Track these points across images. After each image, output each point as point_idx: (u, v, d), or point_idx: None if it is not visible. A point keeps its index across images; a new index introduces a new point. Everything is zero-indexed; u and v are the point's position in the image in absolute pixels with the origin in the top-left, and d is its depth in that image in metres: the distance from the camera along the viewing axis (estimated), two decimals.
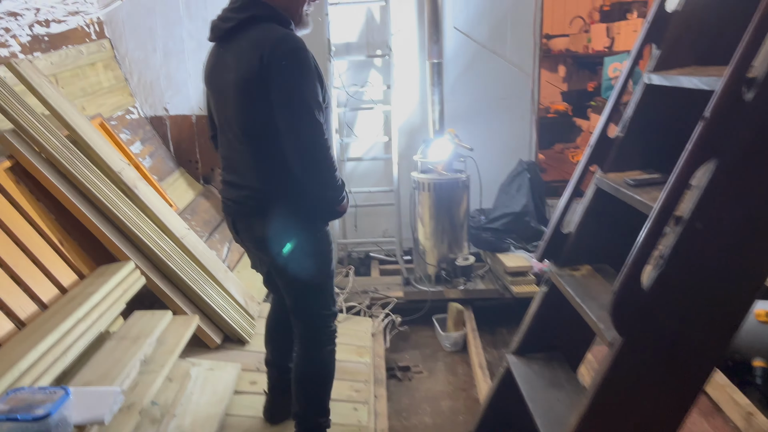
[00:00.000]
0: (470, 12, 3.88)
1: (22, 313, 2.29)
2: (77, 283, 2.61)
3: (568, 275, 1.76)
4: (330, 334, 2.13)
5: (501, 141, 4.07)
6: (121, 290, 2.59)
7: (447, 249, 3.69)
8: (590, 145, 1.78)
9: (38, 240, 2.54)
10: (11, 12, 3.03)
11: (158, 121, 4.16)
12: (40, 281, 2.44)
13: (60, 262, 2.59)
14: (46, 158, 2.70)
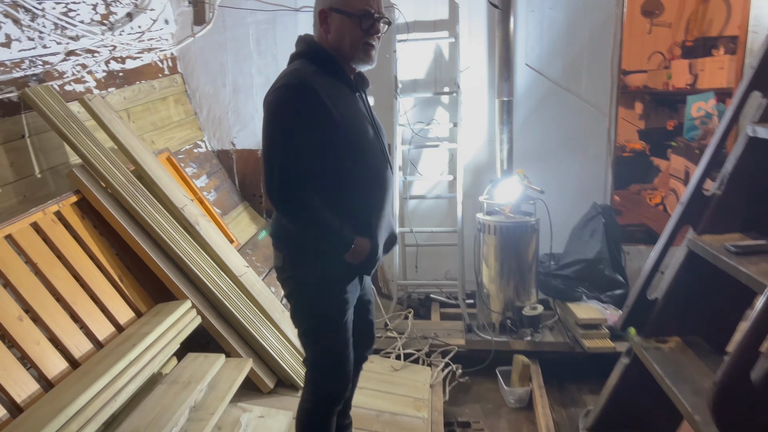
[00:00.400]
0: (544, 49, 3.72)
1: (77, 352, 2.27)
2: (134, 321, 2.58)
3: (654, 348, 1.56)
4: (311, 390, 2.01)
5: (573, 182, 3.86)
6: (176, 330, 2.54)
7: (513, 295, 3.49)
8: (682, 203, 1.59)
9: (98, 276, 2.54)
10: (89, 49, 3.12)
11: (225, 155, 4.20)
12: (97, 319, 2.43)
13: (118, 299, 2.57)
14: (110, 193, 2.71)
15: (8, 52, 2.59)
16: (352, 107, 1.81)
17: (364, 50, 1.81)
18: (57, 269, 2.37)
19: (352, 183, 1.80)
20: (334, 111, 1.70)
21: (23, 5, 2.64)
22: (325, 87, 1.72)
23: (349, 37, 1.79)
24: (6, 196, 2.54)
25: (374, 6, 1.80)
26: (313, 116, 1.67)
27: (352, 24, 1.78)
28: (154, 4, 3.70)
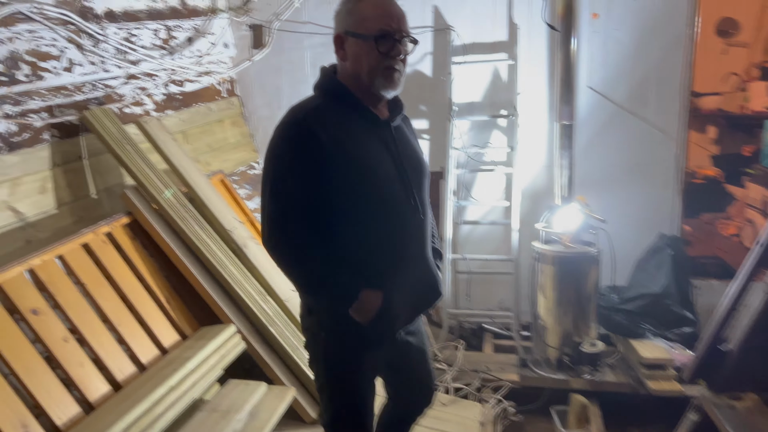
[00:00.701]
0: (608, 71, 3.55)
1: (120, 375, 2.26)
2: (179, 343, 2.57)
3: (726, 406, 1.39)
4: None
5: (638, 211, 3.64)
6: (219, 356, 2.51)
7: (571, 329, 3.29)
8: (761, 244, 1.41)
9: (145, 297, 2.54)
10: (148, 73, 3.19)
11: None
12: (142, 341, 2.42)
13: (164, 321, 2.57)
14: (161, 215, 2.73)
15: (70, 77, 2.67)
16: (363, 142, 1.60)
17: (385, 75, 1.60)
18: (105, 290, 2.38)
19: (357, 226, 1.61)
20: (333, 149, 1.53)
21: (87, 31, 2.72)
22: (328, 122, 1.55)
23: (366, 62, 1.59)
24: (62, 216, 2.59)
25: (393, 24, 1.59)
26: (307, 156, 1.52)
27: (368, 48, 1.57)
28: (215, 28, 3.77)
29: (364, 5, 1.60)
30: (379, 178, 1.60)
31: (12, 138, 2.41)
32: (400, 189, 1.63)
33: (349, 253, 1.61)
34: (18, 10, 2.37)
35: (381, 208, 1.60)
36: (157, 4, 3.25)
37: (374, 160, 1.60)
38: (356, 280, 1.61)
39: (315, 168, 1.52)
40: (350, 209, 1.58)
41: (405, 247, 1.67)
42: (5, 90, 2.35)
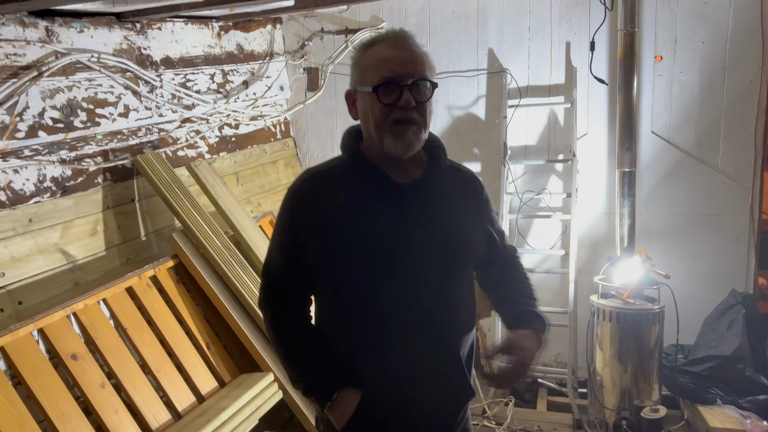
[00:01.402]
0: (673, 116, 3.36)
1: (154, 423, 2.24)
2: (216, 390, 2.54)
3: None
4: None
5: (707, 265, 3.39)
6: (256, 405, 2.46)
7: (631, 391, 3.06)
8: None
9: (185, 342, 2.53)
10: (203, 117, 3.26)
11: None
12: (179, 388, 2.41)
13: (202, 367, 2.55)
14: (206, 259, 2.74)
15: (126, 122, 2.75)
16: (362, 212, 1.39)
17: (393, 132, 1.33)
18: (145, 335, 2.39)
19: (338, 308, 1.43)
20: (318, 222, 1.38)
21: (144, 78, 2.81)
22: (325, 190, 1.40)
23: (371, 117, 1.35)
24: (111, 258, 2.64)
25: (397, 69, 1.33)
26: (291, 227, 1.41)
27: (371, 101, 1.34)
28: (271, 71, 3.84)
29: (369, 53, 1.38)
30: (369, 252, 1.37)
31: (66, 182, 2.49)
32: (399, 267, 1.37)
33: (333, 338, 1.43)
34: (78, 60, 2.47)
35: (366, 289, 1.38)
36: (214, 49, 3.33)
37: (368, 234, 1.38)
38: (334, 370, 1.41)
39: (295, 241, 1.41)
40: (332, 287, 1.43)
41: (400, 338, 1.39)
42: (62, 136, 2.43)
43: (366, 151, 1.42)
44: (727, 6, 3.18)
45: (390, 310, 1.38)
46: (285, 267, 1.45)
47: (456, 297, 1.46)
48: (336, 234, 1.38)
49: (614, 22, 3.27)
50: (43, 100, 2.36)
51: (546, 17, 3.49)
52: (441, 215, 1.43)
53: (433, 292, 1.39)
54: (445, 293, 1.42)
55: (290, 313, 1.47)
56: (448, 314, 1.43)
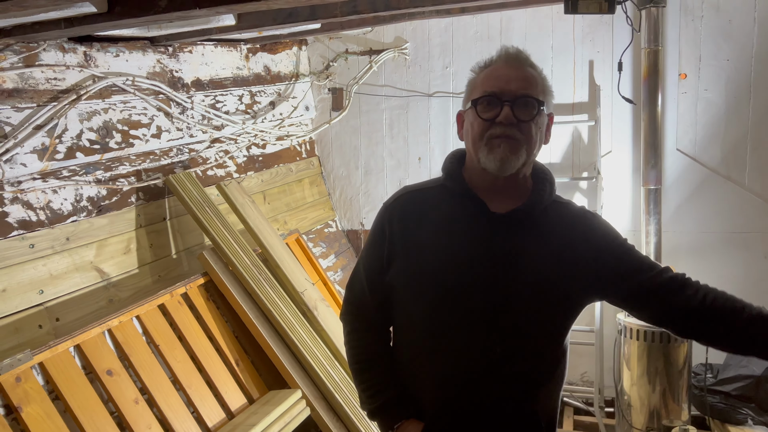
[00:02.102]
0: (699, 133, 3.36)
1: None
2: (245, 407, 2.57)
3: None
4: None
5: (735, 283, 3.33)
6: (284, 422, 2.48)
7: (660, 410, 3.03)
8: None
9: (215, 359, 2.57)
10: (232, 137, 3.33)
11: (354, 235, 4.23)
12: (209, 404, 2.44)
13: (232, 384, 2.58)
14: (235, 276, 2.79)
15: (158, 142, 2.82)
16: (446, 238, 1.33)
17: (489, 146, 1.28)
18: (177, 351, 2.43)
19: (407, 336, 1.40)
20: (399, 241, 1.36)
21: (175, 100, 2.89)
22: (415, 210, 1.38)
23: (471, 132, 1.33)
24: (143, 275, 2.70)
25: (501, 85, 1.29)
26: (377, 243, 1.40)
27: (473, 116, 1.32)
28: (296, 92, 3.91)
29: (481, 73, 1.36)
30: (443, 282, 1.31)
31: (102, 202, 2.56)
32: (473, 303, 1.30)
33: (402, 365, 1.41)
34: (113, 83, 2.55)
35: (435, 320, 1.32)
36: (242, 71, 3.41)
37: (447, 262, 1.31)
38: (401, 398, 1.38)
39: (380, 257, 1.39)
40: (404, 312, 1.39)
41: (466, 380, 1.31)
42: (98, 157, 2.51)
43: (466, 175, 1.38)
44: (752, 24, 3.18)
45: (457, 349, 1.31)
46: (367, 283, 1.43)
47: (535, 346, 1.33)
48: (415, 256, 1.34)
49: (638, 40, 3.29)
50: (81, 123, 2.45)
51: (569, 36, 3.51)
52: (532, 253, 1.32)
53: (508, 336, 1.30)
54: (521, 339, 1.31)
55: (367, 330, 1.46)
56: (523, 364, 1.32)
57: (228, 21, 2.53)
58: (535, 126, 1.30)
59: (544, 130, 1.36)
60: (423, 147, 3.91)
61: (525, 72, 1.32)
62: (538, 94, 1.31)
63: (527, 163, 1.33)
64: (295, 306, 2.88)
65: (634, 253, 1.39)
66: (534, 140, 1.31)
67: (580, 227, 1.37)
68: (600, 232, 1.39)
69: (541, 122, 1.33)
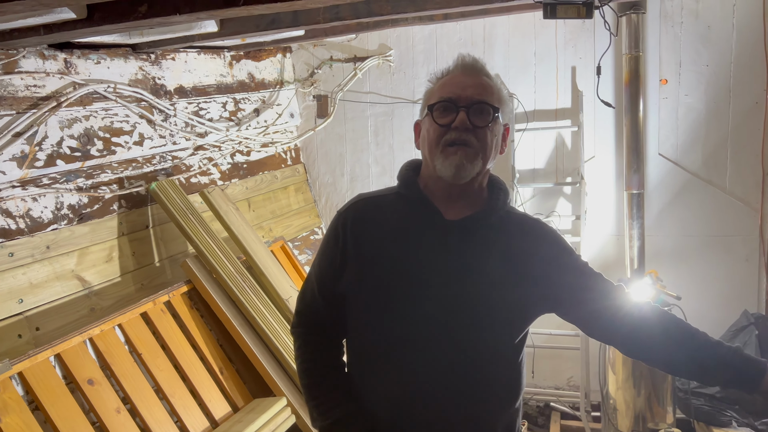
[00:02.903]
0: (680, 138, 3.39)
1: None
2: (230, 415, 2.55)
3: None
4: None
5: (718, 286, 3.38)
6: (269, 430, 2.46)
7: (645, 413, 3.04)
8: None
9: (199, 367, 2.55)
10: (216, 144, 3.31)
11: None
12: (193, 412, 2.41)
13: (216, 392, 2.56)
14: (219, 284, 2.77)
15: (141, 150, 2.80)
16: (400, 246, 1.32)
17: (445, 152, 1.27)
18: (160, 360, 2.41)
19: (361, 348, 1.38)
20: (353, 249, 1.33)
21: (158, 107, 2.87)
22: (369, 217, 1.37)
23: (427, 139, 1.32)
24: (125, 284, 2.67)
25: (457, 91, 1.29)
26: (330, 250, 1.38)
27: (429, 122, 1.31)
28: (281, 99, 3.91)
29: (438, 82, 1.37)
30: (395, 291, 1.29)
31: (83, 209, 2.54)
32: (426, 312, 1.28)
33: (355, 379, 1.39)
34: (95, 91, 2.54)
35: (387, 331, 1.30)
36: (226, 78, 3.40)
37: (400, 270, 1.30)
38: (353, 416, 1.34)
39: (332, 264, 1.37)
40: (356, 323, 1.37)
41: (420, 393, 1.28)
42: (79, 164, 2.49)
43: (422, 183, 1.37)
44: (731, 29, 3.23)
45: (408, 362, 1.28)
46: (320, 293, 1.40)
47: (489, 358, 1.31)
48: (368, 265, 1.32)
49: (619, 46, 3.32)
50: (62, 130, 2.43)
51: (551, 42, 3.55)
52: (484, 263, 1.31)
53: (460, 349, 1.28)
54: (474, 351, 1.29)
55: (319, 344, 1.42)
56: (477, 377, 1.29)
57: (210, 28, 2.53)
58: (490, 133, 1.30)
59: (500, 139, 1.35)
60: (408, 153, 3.91)
61: (481, 80, 1.33)
62: (494, 101, 1.31)
63: (482, 171, 1.32)
64: (280, 313, 2.86)
65: (586, 271, 1.40)
66: (489, 148, 1.30)
67: (533, 240, 1.37)
68: (554, 247, 1.39)
69: (497, 130, 1.33)
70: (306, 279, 1.48)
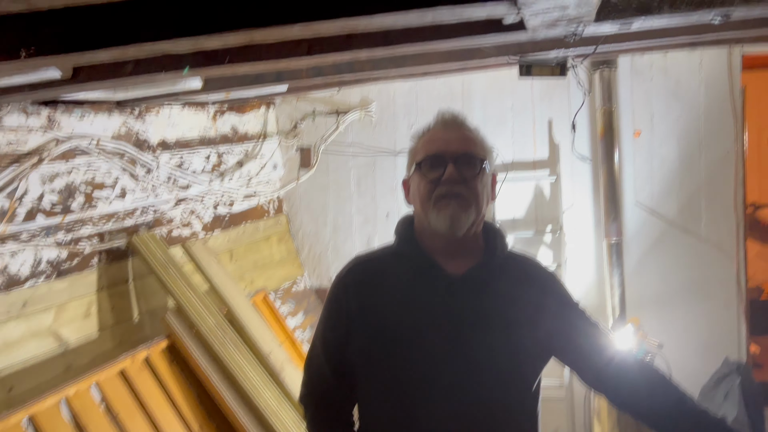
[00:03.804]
0: (655, 187, 3.48)
1: None
2: None
3: None
4: None
5: (699, 333, 3.40)
6: None
7: None
8: None
9: (177, 428, 2.48)
10: (198, 196, 3.32)
11: (323, 292, 4.19)
12: None
13: None
14: (200, 339, 2.73)
15: (122, 203, 2.80)
16: (405, 306, 1.31)
17: (438, 207, 1.28)
18: (137, 419, 2.35)
19: (372, 412, 1.35)
20: (357, 315, 1.32)
21: (140, 160, 2.88)
22: (368, 280, 1.36)
23: (418, 195, 1.33)
24: (103, 340, 2.62)
25: (442, 146, 1.32)
26: (333, 318, 1.37)
27: (418, 179, 1.33)
28: (264, 151, 3.95)
29: (420, 139, 1.39)
30: (406, 354, 1.28)
31: (62, 264, 2.51)
32: (438, 373, 1.27)
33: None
34: (77, 146, 2.55)
35: (401, 396, 1.28)
36: (210, 131, 3.44)
37: (408, 332, 1.29)
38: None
39: (337, 332, 1.35)
40: (367, 389, 1.34)
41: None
42: (59, 219, 2.47)
43: (419, 239, 1.36)
44: (698, 84, 3.36)
45: (423, 426, 1.26)
46: (326, 361, 1.37)
47: (504, 414, 1.30)
48: (375, 330, 1.30)
49: (593, 100, 3.43)
50: (43, 185, 2.42)
51: (528, 96, 3.65)
52: (494, 314, 1.30)
53: (476, 408, 1.27)
54: (491, 408, 1.28)
55: (329, 414, 1.41)
56: (494, 429, 1.29)
57: (194, 84, 2.57)
58: (480, 183, 1.32)
59: (490, 188, 1.38)
60: (391, 203, 3.95)
61: (464, 133, 1.36)
62: (479, 152, 1.34)
63: (477, 221, 1.33)
64: (262, 368, 2.82)
65: (586, 318, 1.41)
66: (481, 196, 1.32)
67: (537, 288, 1.38)
68: (557, 295, 1.40)
69: (486, 179, 1.35)
70: (311, 347, 1.45)
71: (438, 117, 1.40)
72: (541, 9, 1.17)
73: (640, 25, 1.42)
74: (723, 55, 3.30)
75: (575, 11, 1.21)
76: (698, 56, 3.34)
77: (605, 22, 1.38)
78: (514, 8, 1.15)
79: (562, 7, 1.18)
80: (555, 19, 1.27)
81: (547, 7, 1.16)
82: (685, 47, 2.94)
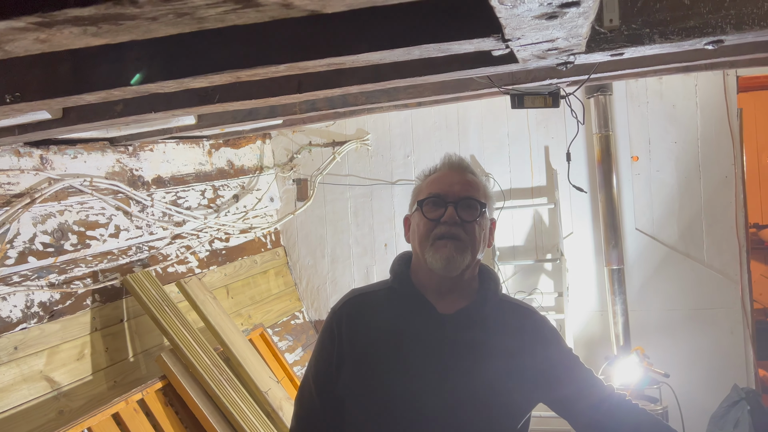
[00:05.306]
0: (655, 213, 3.45)
1: None
2: None
3: None
4: None
5: (705, 361, 3.34)
6: None
7: None
8: None
9: None
10: (194, 232, 3.29)
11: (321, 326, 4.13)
12: None
13: None
14: (196, 379, 2.67)
15: (116, 242, 2.77)
16: (397, 343, 1.33)
17: (435, 246, 1.30)
18: None
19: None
20: (348, 348, 1.33)
21: (135, 198, 2.86)
22: (362, 315, 1.37)
23: (417, 233, 1.35)
24: (97, 382, 2.57)
25: (445, 188, 1.35)
26: (325, 350, 1.37)
27: (418, 218, 1.36)
28: (261, 184, 3.93)
29: (426, 180, 1.43)
30: (395, 392, 1.29)
31: (54, 306, 2.47)
32: (428, 412, 1.28)
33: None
34: (70, 185, 2.53)
35: (388, 429, 1.30)
36: (205, 166, 3.43)
37: (398, 369, 1.30)
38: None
39: (329, 364, 1.36)
40: (354, 422, 1.35)
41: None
42: (51, 260, 2.44)
43: (414, 277, 1.38)
44: (694, 108, 3.35)
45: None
46: (318, 396, 1.39)
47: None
48: (364, 364, 1.32)
49: (589, 125, 3.42)
50: (35, 226, 2.39)
51: (523, 124, 3.64)
52: (481, 353, 1.32)
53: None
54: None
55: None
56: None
57: (188, 121, 2.56)
58: (478, 227, 1.34)
59: (488, 233, 1.40)
60: (388, 233, 3.92)
61: (467, 177, 1.39)
62: (480, 197, 1.37)
63: (471, 264, 1.34)
64: (259, 407, 2.76)
65: (577, 366, 1.41)
66: (478, 241, 1.34)
67: (528, 334, 1.38)
68: (548, 343, 1.40)
69: (484, 224, 1.37)
70: (302, 379, 1.46)
71: (444, 159, 1.44)
72: (529, 42, 1.16)
73: (632, 53, 1.40)
74: (718, 77, 3.30)
75: (565, 43, 1.20)
76: (693, 79, 3.34)
77: (596, 53, 1.37)
78: (502, 42, 1.14)
79: (551, 40, 1.16)
80: (545, 50, 1.26)
81: (536, 40, 1.14)
82: (679, 72, 2.93)
